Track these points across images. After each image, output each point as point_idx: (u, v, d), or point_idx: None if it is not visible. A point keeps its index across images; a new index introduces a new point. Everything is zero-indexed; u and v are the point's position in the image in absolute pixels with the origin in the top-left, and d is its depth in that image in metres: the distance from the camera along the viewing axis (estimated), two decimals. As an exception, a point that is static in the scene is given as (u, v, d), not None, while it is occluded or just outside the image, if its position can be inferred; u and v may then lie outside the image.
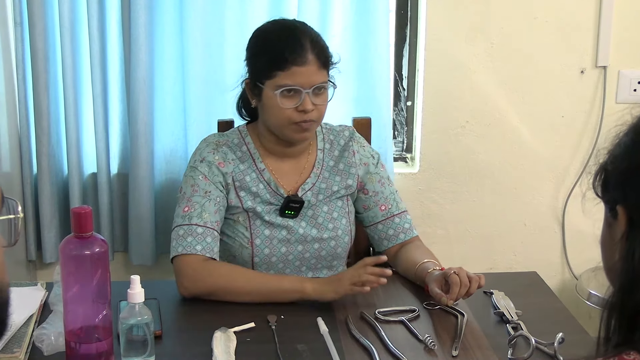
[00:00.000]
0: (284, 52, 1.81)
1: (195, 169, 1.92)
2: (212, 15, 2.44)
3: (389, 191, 2.03)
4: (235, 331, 1.62)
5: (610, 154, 0.98)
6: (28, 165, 2.47)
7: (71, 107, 2.42)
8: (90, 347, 1.45)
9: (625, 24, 2.61)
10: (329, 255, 2.00)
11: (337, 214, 2.00)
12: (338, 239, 1.99)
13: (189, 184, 1.91)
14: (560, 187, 2.73)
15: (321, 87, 1.85)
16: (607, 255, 1.02)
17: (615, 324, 0.93)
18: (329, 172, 2.00)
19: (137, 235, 2.54)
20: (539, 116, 2.67)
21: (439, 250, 2.73)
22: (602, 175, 0.99)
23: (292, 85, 1.82)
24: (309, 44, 1.83)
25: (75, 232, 1.43)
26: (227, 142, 1.96)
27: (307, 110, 1.83)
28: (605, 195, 0.99)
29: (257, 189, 1.94)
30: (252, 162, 1.95)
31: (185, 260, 1.82)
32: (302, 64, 1.81)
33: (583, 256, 2.76)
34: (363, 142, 2.06)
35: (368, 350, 1.58)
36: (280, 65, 1.82)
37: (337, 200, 2.00)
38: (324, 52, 1.86)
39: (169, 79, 2.49)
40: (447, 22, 2.58)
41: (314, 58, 1.83)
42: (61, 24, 2.36)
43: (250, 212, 1.94)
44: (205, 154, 1.93)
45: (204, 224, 1.85)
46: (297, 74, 1.81)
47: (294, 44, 1.82)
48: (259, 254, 1.94)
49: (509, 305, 1.76)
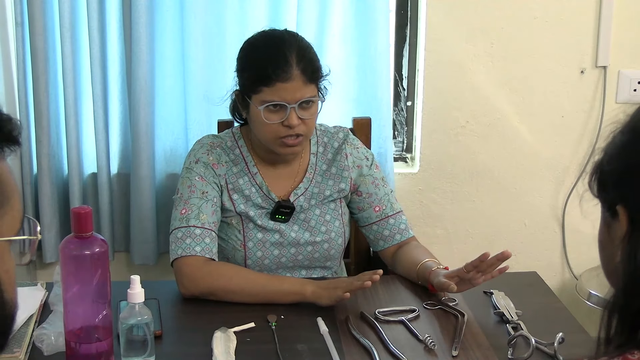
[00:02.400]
0: (267, 69, 1.80)
1: (191, 170, 1.92)
2: (212, 15, 2.44)
3: (383, 192, 2.02)
4: (235, 331, 1.62)
5: (605, 153, 0.97)
6: (28, 165, 2.48)
7: (71, 107, 2.42)
8: (90, 347, 1.45)
9: (625, 24, 2.61)
10: (322, 257, 2.00)
11: (330, 216, 1.99)
12: (331, 241, 1.99)
13: (186, 185, 1.91)
14: (560, 187, 2.73)
15: (309, 101, 1.83)
16: (607, 256, 1.02)
17: (617, 325, 0.93)
18: (322, 176, 1.99)
19: (138, 235, 2.55)
20: (539, 116, 2.67)
21: (439, 250, 2.74)
22: (599, 175, 0.98)
23: (277, 101, 1.80)
24: (294, 58, 1.80)
25: (75, 232, 1.43)
26: (220, 143, 1.96)
27: (292, 125, 1.81)
28: (603, 195, 0.99)
29: (250, 192, 1.94)
30: (244, 166, 1.95)
31: (185, 262, 1.82)
32: (286, 80, 1.79)
33: (583, 256, 2.76)
34: (357, 144, 2.04)
35: (368, 350, 1.58)
36: (265, 82, 1.80)
37: (330, 203, 2.00)
38: (311, 66, 1.83)
39: (169, 79, 2.49)
40: (447, 22, 2.58)
41: (299, 73, 1.80)
42: (61, 24, 2.37)
43: (243, 216, 1.94)
44: (199, 155, 1.94)
45: (202, 225, 1.85)
46: (282, 90, 1.79)
47: (277, 60, 1.79)
48: (251, 256, 1.94)
49: (509, 305, 1.76)
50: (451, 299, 1.81)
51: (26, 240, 0.94)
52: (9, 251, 0.90)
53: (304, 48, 1.85)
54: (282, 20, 2.46)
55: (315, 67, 1.85)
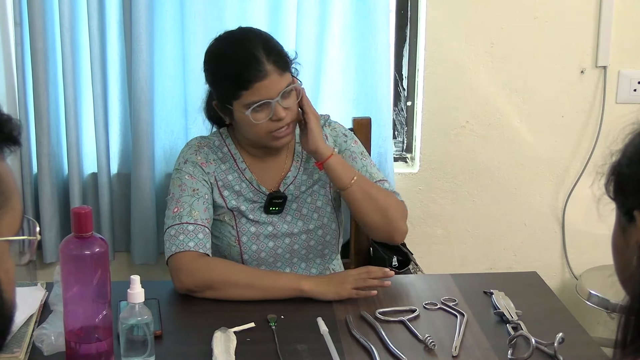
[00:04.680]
0: (242, 74, 1.81)
1: (180, 170, 1.95)
2: (212, 15, 2.44)
3: (361, 164, 2.02)
4: (235, 331, 1.63)
5: (624, 156, 0.95)
6: (28, 165, 2.47)
7: (71, 107, 2.42)
8: (90, 347, 1.45)
9: (625, 24, 2.60)
10: (319, 244, 2.02)
11: (321, 202, 2.02)
12: (325, 227, 2.01)
13: (176, 184, 1.93)
14: (560, 187, 2.73)
15: (288, 91, 1.85)
16: (622, 259, 0.99)
17: (633, 330, 0.91)
18: (308, 162, 2.02)
19: (138, 235, 2.55)
20: (539, 116, 2.67)
21: (439, 250, 2.75)
22: (616, 178, 0.96)
23: (260, 99, 1.81)
24: (263, 55, 1.81)
25: (75, 232, 1.43)
26: (208, 143, 1.99)
27: (280, 118, 1.83)
28: (620, 199, 0.96)
29: (240, 187, 1.96)
30: (233, 162, 1.98)
31: (179, 257, 1.83)
32: (263, 78, 1.80)
33: (583, 256, 2.75)
34: (335, 125, 2.07)
35: (368, 350, 1.58)
36: (243, 86, 1.81)
37: (320, 189, 2.02)
38: (281, 57, 1.85)
39: (169, 79, 2.49)
40: (447, 22, 2.58)
41: (273, 67, 1.81)
42: (61, 24, 2.36)
43: (235, 211, 1.96)
44: (187, 155, 1.96)
45: (194, 221, 1.87)
46: (262, 88, 1.81)
47: (248, 62, 1.80)
48: (247, 250, 1.96)
49: (509, 305, 1.76)
50: (451, 299, 1.81)
51: (26, 240, 0.94)
52: (9, 251, 0.90)
53: (267, 41, 1.86)
54: (282, 20, 2.46)
55: (284, 56, 1.86)
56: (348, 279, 1.80)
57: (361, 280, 1.79)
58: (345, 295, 1.78)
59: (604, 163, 0.97)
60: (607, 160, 0.97)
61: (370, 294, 1.78)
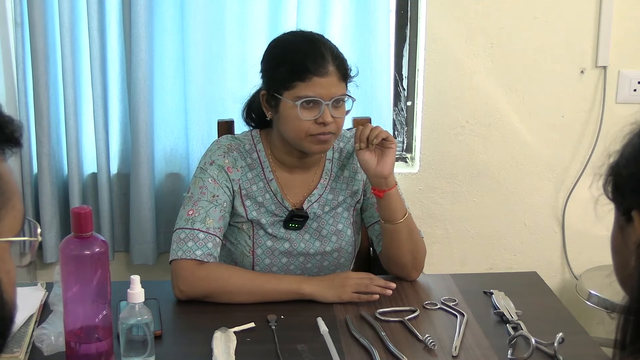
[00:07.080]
0: (305, 62, 1.77)
1: (205, 171, 1.89)
2: (212, 15, 2.44)
3: None
4: (235, 331, 1.62)
5: (622, 156, 0.94)
6: (28, 165, 2.48)
7: (71, 107, 2.42)
8: (90, 347, 1.45)
9: (625, 24, 2.61)
10: (332, 265, 1.99)
11: (342, 225, 1.97)
12: (341, 250, 1.98)
13: (198, 185, 1.88)
14: (560, 187, 2.74)
15: (340, 100, 1.82)
16: (621, 262, 0.98)
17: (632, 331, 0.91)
18: (335, 181, 1.97)
19: (138, 235, 2.55)
20: (539, 116, 2.67)
21: (439, 250, 2.75)
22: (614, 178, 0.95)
23: (313, 96, 1.78)
24: (330, 55, 1.79)
25: (75, 232, 1.43)
26: (238, 146, 1.93)
27: (326, 122, 1.79)
28: (618, 199, 0.96)
29: (263, 198, 1.91)
30: (260, 171, 1.92)
31: (182, 264, 1.81)
32: (323, 74, 1.77)
33: (583, 256, 2.76)
34: None
35: (368, 350, 1.58)
36: (301, 76, 1.77)
37: (344, 211, 1.98)
38: (344, 65, 1.83)
39: (169, 79, 2.50)
40: (447, 22, 2.58)
41: (335, 69, 1.79)
42: (61, 24, 2.37)
43: (254, 222, 1.92)
44: (215, 156, 1.90)
45: (207, 229, 1.83)
46: (318, 85, 1.77)
47: (315, 54, 1.78)
48: (259, 263, 1.93)
49: (509, 305, 1.76)
50: (451, 299, 1.81)
51: (27, 241, 0.94)
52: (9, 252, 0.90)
53: (336, 47, 1.85)
54: (282, 20, 2.46)
55: (348, 67, 1.85)
56: (349, 282, 1.78)
57: (363, 286, 1.78)
58: (346, 299, 1.78)
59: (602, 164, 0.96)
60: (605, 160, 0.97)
61: (372, 299, 1.77)
